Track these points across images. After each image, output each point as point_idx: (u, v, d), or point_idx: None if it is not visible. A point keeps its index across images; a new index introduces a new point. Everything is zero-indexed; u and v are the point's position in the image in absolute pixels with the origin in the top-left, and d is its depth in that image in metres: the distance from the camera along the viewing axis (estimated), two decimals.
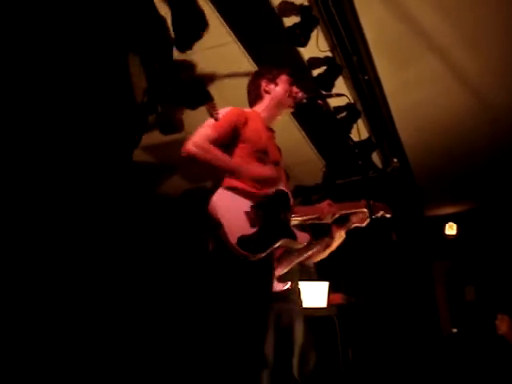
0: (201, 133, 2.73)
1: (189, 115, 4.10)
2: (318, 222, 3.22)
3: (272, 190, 2.84)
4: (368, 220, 4.14)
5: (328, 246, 4.36)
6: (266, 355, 3.88)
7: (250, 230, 2.62)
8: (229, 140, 2.81)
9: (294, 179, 4.13)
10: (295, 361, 4.13)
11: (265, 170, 2.78)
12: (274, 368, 3.97)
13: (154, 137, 5.89)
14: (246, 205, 2.69)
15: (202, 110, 3.70)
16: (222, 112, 2.87)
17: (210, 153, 2.67)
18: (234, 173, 2.70)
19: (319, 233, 4.31)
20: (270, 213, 2.74)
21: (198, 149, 2.65)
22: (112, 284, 1.48)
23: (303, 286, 4.89)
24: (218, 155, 2.70)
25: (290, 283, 4.25)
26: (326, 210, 3.11)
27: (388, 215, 3.51)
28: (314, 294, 5.10)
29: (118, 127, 1.63)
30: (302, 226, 3.05)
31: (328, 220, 3.16)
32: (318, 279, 5.20)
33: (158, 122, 3.23)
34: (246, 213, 2.66)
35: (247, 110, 3.05)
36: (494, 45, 4.98)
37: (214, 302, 2.75)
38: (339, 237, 4.31)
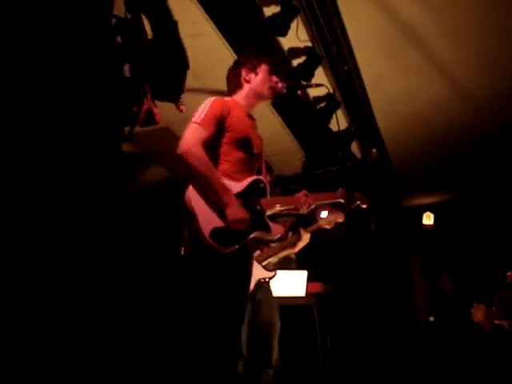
0: (194, 134, 2.71)
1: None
2: (293, 212, 3.23)
3: (249, 180, 2.85)
4: (333, 224, 4.26)
5: (293, 245, 4.43)
6: (241, 345, 3.91)
7: (222, 223, 2.62)
8: (216, 133, 2.81)
9: (273, 169, 4.14)
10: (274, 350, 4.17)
11: (235, 210, 2.72)
12: (250, 357, 4.01)
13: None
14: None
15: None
16: (204, 103, 2.86)
17: (201, 161, 2.66)
18: (211, 188, 2.68)
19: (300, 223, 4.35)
20: (244, 204, 2.74)
21: (192, 152, 2.64)
22: (94, 274, 1.48)
23: (282, 275, 4.92)
24: (208, 165, 2.69)
25: (275, 272, 4.30)
26: (302, 201, 3.12)
27: (364, 205, 3.53)
28: (293, 283, 5.12)
29: (107, 119, 1.63)
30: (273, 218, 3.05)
31: (304, 211, 3.16)
32: (297, 268, 5.24)
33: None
34: (217, 206, 2.66)
35: (227, 98, 3.04)
36: (474, 35, 5.01)
37: (190, 293, 2.75)
38: (305, 238, 4.38)
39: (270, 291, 4.32)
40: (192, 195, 2.66)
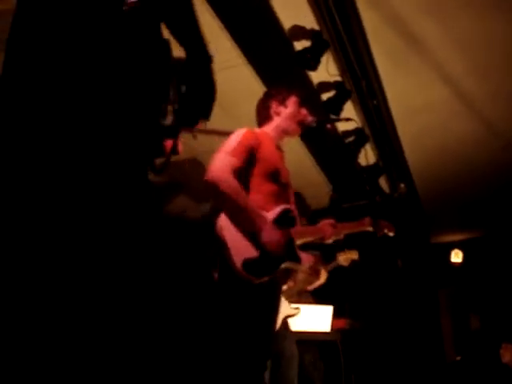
0: (224, 161, 2.67)
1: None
2: (319, 242, 3.21)
3: (279, 209, 2.83)
4: (350, 262, 4.31)
5: (311, 283, 4.43)
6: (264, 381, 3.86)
7: (255, 253, 2.60)
8: (247, 164, 2.80)
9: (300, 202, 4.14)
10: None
11: (270, 233, 2.71)
12: None
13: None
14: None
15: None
16: (235, 134, 2.86)
17: (232, 187, 2.62)
18: (244, 214, 2.65)
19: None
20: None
21: (223, 178, 2.61)
22: (121, 298, 1.48)
23: (307, 309, 4.88)
24: (239, 192, 2.65)
25: (300, 309, 4.28)
26: (330, 231, 3.09)
27: (391, 233, 3.49)
28: (318, 318, 5.06)
29: (137, 147, 1.63)
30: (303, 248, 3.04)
31: (329, 241, 3.15)
32: (314, 301, 5.19)
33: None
34: (250, 234, 2.64)
35: (257, 130, 3.05)
36: (504, 70, 5.00)
37: (218, 322, 2.73)
38: (323, 275, 4.38)
39: (288, 325, 4.30)
40: (223, 224, 2.64)
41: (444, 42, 4.59)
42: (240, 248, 2.60)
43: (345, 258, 4.37)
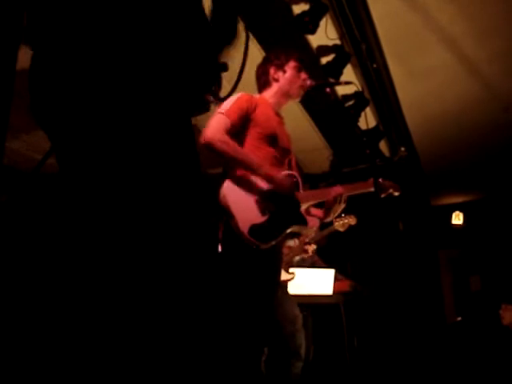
0: (218, 122, 2.73)
1: None
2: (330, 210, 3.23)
3: (282, 174, 2.86)
4: (347, 227, 4.37)
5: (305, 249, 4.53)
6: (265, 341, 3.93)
7: (261, 219, 2.63)
8: (241, 125, 2.82)
9: (301, 167, 4.15)
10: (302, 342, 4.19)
11: (277, 175, 2.78)
12: (274, 355, 4.02)
13: None
14: (255, 193, 2.71)
15: None
16: (232, 97, 2.88)
17: (228, 144, 2.67)
18: (248, 167, 2.71)
19: None
20: (279, 199, 2.75)
21: (217, 138, 2.65)
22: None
23: (309, 273, 4.93)
24: (236, 148, 2.71)
25: (294, 274, 4.32)
26: (334, 192, 3.11)
27: (396, 193, 3.49)
28: (320, 282, 5.12)
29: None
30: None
31: (342, 206, 3.17)
32: (324, 266, 5.23)
33: None
34: (256, 201, 2.67)
35: (256, 95, 3.06)
36: (503, 33, 4.95)
37: (223, 289, 2.77)
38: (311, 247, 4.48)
39: (287, 290, 4.34)
40: (227, 192, 2.67)
41: (444, 4, 4.55)
42: (246, 214, 2.63)
43: (341, 224, 4.40)
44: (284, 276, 4.24)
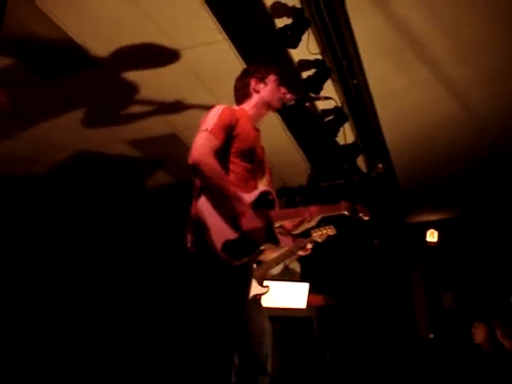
0: (205, 142, 2.69)
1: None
2: (300, 225, 3.24)
3: (258, 191, 2.85)
4: (325, 237, 4.32)
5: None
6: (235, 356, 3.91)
7: (234, 235, 2.61)
8: (225, 143, 2.81)
9: (278, 180, 4.15)
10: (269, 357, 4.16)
11: (250, 219, 2.71)
12: (244, 367, 3.98)
13: (140, 131, 5.89)
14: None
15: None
16: (214, 111, 2.86)
17: (214, 170, 2.63)
18: (225, 197, 2.67)
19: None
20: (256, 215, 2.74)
21: (204, 162, 2.61)
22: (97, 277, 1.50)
23: (284, 286, 4.92)
24: (221, 176, 2.67)
25: (268, 287, 4.30)
26: (308, 213, 3.12)
27: (366, 218, 3.52)
28: (294, 295, 5.11)
29: None
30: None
31: (311, 224, 3.18)
32: (300, 280, 5.23)
33: None
34: (230, 217, 2.65)
35: (235, 107, 3.05)
36: (485, 54, 5.00)
37: (192, 301, 2.76)
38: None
39: (260, 303, 4.31)
40: (203, 206, 2.65)
41: (426, 21, 4.58)
42: (220, 229, 2.61)
43: (319, 235, 4.36)
44: (258, 290, 4.21)
